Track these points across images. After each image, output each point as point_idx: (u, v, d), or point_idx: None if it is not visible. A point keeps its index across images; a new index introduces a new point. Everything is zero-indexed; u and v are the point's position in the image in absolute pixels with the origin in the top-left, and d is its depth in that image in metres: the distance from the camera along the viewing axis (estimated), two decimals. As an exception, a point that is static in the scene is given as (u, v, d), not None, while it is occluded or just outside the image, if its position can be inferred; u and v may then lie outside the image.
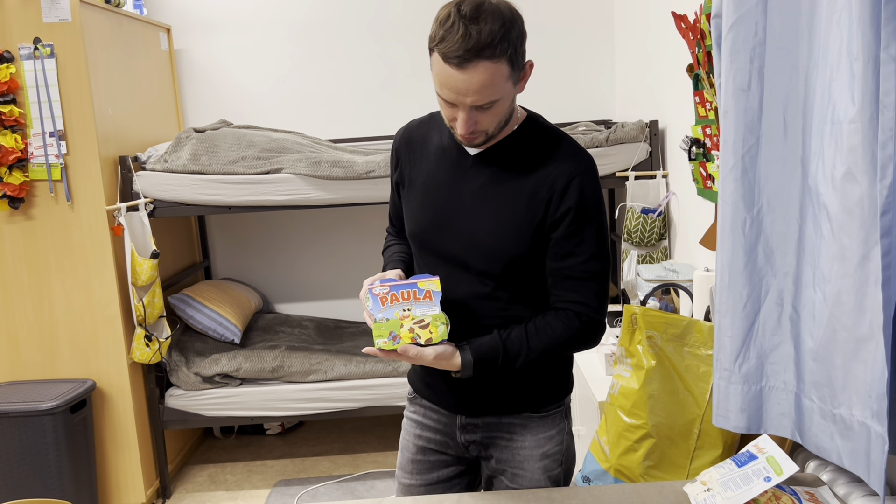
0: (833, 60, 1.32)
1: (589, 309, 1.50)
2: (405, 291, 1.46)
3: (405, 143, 1.64)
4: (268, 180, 3.18)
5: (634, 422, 1.73)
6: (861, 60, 1.22)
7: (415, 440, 1.70)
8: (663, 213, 3.12)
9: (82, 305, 3.12)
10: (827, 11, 1.34)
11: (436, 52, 1.37)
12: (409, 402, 1.74)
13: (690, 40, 2.54)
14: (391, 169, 1.68)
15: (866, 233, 1.26)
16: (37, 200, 3.05)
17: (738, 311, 1.53)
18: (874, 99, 1.22)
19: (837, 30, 1.31)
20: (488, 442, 1.64)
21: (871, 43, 1.21)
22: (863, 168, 1.25)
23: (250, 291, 3.98)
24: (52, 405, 2.86)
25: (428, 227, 1.56)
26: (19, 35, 2.94)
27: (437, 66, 1.38)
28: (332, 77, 4.03)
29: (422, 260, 1.62)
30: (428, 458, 1.68)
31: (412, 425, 1.71)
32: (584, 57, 4.01)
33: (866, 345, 1.30)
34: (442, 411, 1.66)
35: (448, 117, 1.45)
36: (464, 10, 1.35)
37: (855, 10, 1.23)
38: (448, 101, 1.40)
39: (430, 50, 1.39)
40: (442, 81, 1.38)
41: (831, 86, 1.33)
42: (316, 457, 3.76)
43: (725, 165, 1.50)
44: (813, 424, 1.45)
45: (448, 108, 1.43)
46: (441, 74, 1.37)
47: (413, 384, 1.72)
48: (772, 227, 1.49)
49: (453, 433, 1.65)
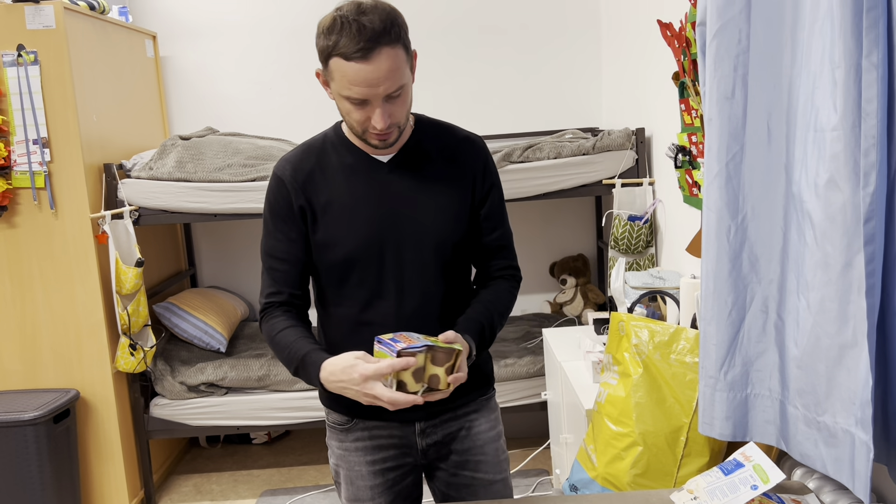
0: (816, 68, 1.33)
1: (518, 270, 1.70)
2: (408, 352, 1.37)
3: (296, 177, 1.56)
4: (254, 188, 3.16)
5: (621, 430, 1.73)
6: (843, 68, 1.23)
7: (367, 467, 1.65)
8: (650, 221, 3.12)
9: (66, 314, 3.09)
10: (809, 20, 1.35)
11: (335, 58, 1.41)
12: (342, 433, 1.66)
13: (676, 48, 2.55)
14: (279, 217, 1.57)
15: (849, 240, 1.27)
16: (20, 208, 3.02)
17: (723, 319, 1.53)
18: (856, 106, 1.22)
19: (820, 38, 1.31)
20: (449, 438, 1.66)
21: (852, 51, 1.22)
22: (845, 175, 1.26)
23: (236, 299, 3.96)
24: (34, 415, 2.83)
25: (367, 244, 1.55)
26: (3, 42, 2.92)
27: (339, 70, 1.41)
28: (318, 83, 4.02)
29: (356, 283, 1.57)
30: (387, 478, 1.66)
31: (357, 454, 1.65)
32: (570, 64, 4.02)
33: (850, 352, 1.30)
34: (394, 425, 1.64)
35: (359, 120, 1.46)
36: (346, 11, 1.41)
37: (837, 19, 1.23)
38: (360, 98, 1.42)
39: (326, 60, 1.43)
40: (351, 80, 1.40)
41: (814, 93, 1.33)
42: (303, 466, 3.74)
43: (710, 172, 1.51)
44: (798, 432, 1.45)
45: (359, 110, 1.45)
46: (347, 75, 1.40)
47: (349, 412, 1.63)
48: (756, 234, 1.49)
49: (412, 441, 1.65)
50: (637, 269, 3.16)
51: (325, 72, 1.46)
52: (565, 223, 4.14)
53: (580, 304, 3.91)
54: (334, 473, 1.71)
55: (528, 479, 3.39)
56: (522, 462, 3.51)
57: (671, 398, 1.71)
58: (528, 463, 3.52)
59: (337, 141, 1.60)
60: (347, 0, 1.44)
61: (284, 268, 1.59)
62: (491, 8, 3.98)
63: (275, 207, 1.58)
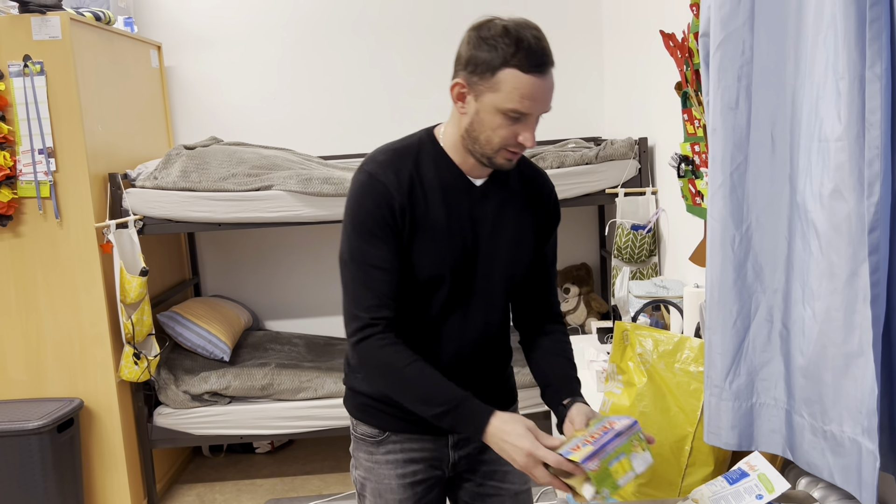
0: (819, 79, 1.34)
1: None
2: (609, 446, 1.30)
3: (400, 183, 1.48)
4: (258, 197, 3.17)
5: (626, 439, 1.73)
6: (847, 79, 1.24)
7: (398, 480, 1.62)
8: (653, 230, 3.13)
9: (70, 323, 3.10)
10: (813, 31, 1.36)
11: (510, 69, 1.37)
12: (372, 445, 1.63)
13: (678, 58, 2.56)
14: (380, 222, 1.47)
15: (854, 250, 1.27)
16: (25, 218, 3.04)
17: (727, 328, 1.53)
18: (860, 117, 1.23)
19: (823, 49, 1.32)
20: (479, 450, 1.66)
21: (856, 62, 1.22)
22: (850, 185, 1.26)
23: (240, 308, 3.96)
24: (38, 424, 2.83)
25: (451, 267, 1.52)
26: (9, 52, 2.94)
27: (512, 81, 1.37)
28: (324, 94, 4.04)
29: (425, 303, 1.53)
30: (415, 491, 1.64)
31: (388, 467, 1.62)
32: (573, 74, 4.04)
33: (856, 361, 1.31)
34: (427, 438, 1.62)
35: (505, 136, 1.43)
36: (515, 25, 1.38)
37: (840, 30, 1.24)
38: (523, 112, 1.40)
39: (495, 70, 1.38)
40: (523, 93, 1.38)
41: (818, 104, 1.34)
42: (306, 475, 3.73)
43: (714, 182, 1.51)
44: (804, 441, 1.45)
45: (510, 126, 1.42)
46: (522, 87, 1.37)
47: (383, 426, 1.61)
48: (761, 243, 1.50)
49: (444, 454, 1.64)
50: (640, 278, 3.17)
51: (480, 82, 1.41)
52: (568, 232, 4.15)
53: (583, 314, 3.91)
54: (359, 486, 1.68)
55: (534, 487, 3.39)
56: (526, 471, 3.50)
57: (675, 407, 1.71)
58: (531, 472, 3.51)
59: (434, 152, 1.54)
60: (486, 16, 1.43)
61: (387, 278, 1.47)
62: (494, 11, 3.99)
63: (374, 212, 1.46)
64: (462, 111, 1.46)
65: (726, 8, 1.46)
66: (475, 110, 1.43)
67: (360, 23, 4.01)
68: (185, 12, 3.96)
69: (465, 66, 1.42)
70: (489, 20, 1.40)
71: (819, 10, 1.34)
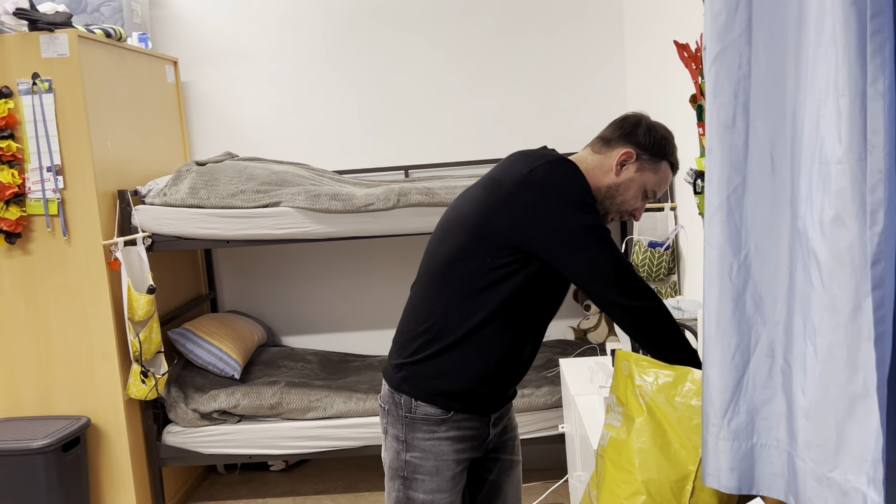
0: (821, 95, 1.23)
1: None
2: None
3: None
4: (266, 214, 3.13)
5: (624, 476, 1.63)
6: (847, 97, 1.13)
7: (455, 455, 1.79)
8: (671, 247, 3.01)
9: (78, 341, 3.08)
10: (814, 43, 1.25)
11: (668, 163, 1.80)
12: (434, 424, 1.78)
13: (693, 70, 2.45)
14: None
15: (857, 282, 1.16)
16: (34, 235, 3.03)
17: (726, 363, 1.42)
18: (862, 138, 1.12)
19: (825, 62, 1.21)
20: (506, 424, 1.94)
21: (857, 78, 1.12)
22: (852, 212, 1.15)
23: (254, 325, 3.92)
24: (43, 444, 2.82)
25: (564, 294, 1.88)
26: (18, 70, 2.94)
27: (664, 173, 1.80)
28: (341, 107, 4.00)
29: (534, 324, 1.82)
30: (461, 469, 1.82)
31: (449, 443, 1.78)
32: (594, 84, 3.93)
33: (860, 403, 1.19)
34: (476, 418, 1.81)
35: (632, 205, 1.81)
36: (670, 133, 1.83)
37: (840, 43, 1.14)
38: (653, 195, 1.81)
39: (660, 159, 1.78)
40: (664, 184, 1.81)
41: (819, 122, 1.23)
42: (318, 495, 3.67)
43: (711, 206, 1.41)
44: (807, 488, 1.33)
45: (639, 200, 1.81)
46: (666, 180, 1.81)
47: (446, 407, 1.77)
48: (761, 272, 1.39)
49: (486, 433, 1.85)
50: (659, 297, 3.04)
51: (648, 161, 1.77)
52: (589, 247, 4.03)
53: (604, 331, 3.79)
54: (410, 470, 1.79)
55: (546, 513, 3.28)
56: (541, 496, 3.40)
57: (677, 444, 1.60)
58: (546, 497, 3.40)
59: None
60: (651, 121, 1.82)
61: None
62: (514, 26, 3.92)
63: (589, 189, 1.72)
64: (617, 172, 1.77)
65: (721, 19, 1.36)
66: (630, 178, 1.77)
67: (376, 36, 3.96)
68: (201, 28, 3.95)
69: (639, 144, 1.76)
70: (654, 121, 1.81)
71: (820, 19, 1.23)
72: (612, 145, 1.79)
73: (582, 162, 1.80)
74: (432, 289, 1.78)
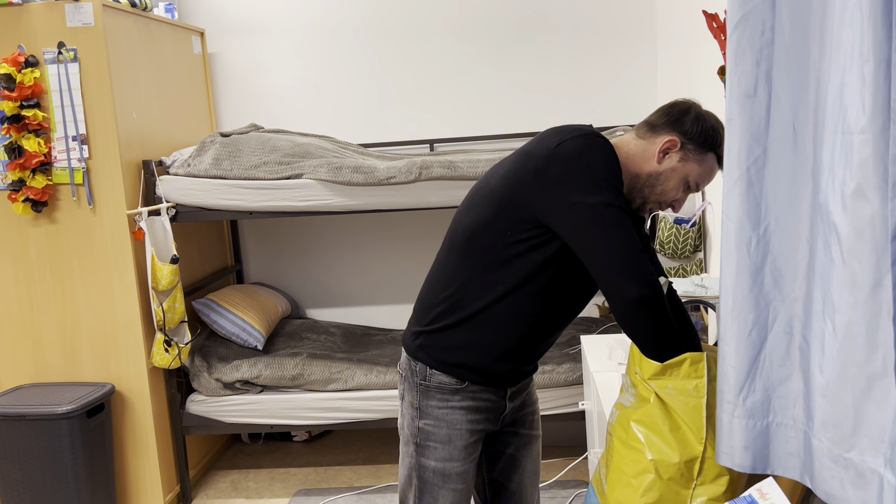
0: (845, 62, 1.18)
1: None
2: None
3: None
4: (288, 185, 3.13)
5: (633, 455, 1.60)
6: (872, 62, 1.08)
7: (468, 426, 1.79)
8: (698, 224, 2.95)
9: (103, 309, 3.12)
10: (840, 8, 1.20)
11: (714, 155, 1.70)
12: (449, 393, 1.78)
13: (721, 41, 2.38)
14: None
15: (878, 258, 1.12)
16: (60, 204, 3.07)
17: (742, 339, 1.39)
18: (885, 107, 1.07)
19: (850, 28, 1.16)
20: (524, 398, 1.93)
21: (882, 43, 1.07)
22: (874, 185, 1.10)
23: (278, 296, 3.94)
24: (68, 409, 2.87)
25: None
26: (44, 39, 2.96)
27: (709, 165, 1.70)
28: (367, 80, 3.97)
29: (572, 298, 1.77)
30: (475, 440, 1.82)
31: (462, 413, 1.78)
32: (625, 60, 3.86)
33: (879, 383, 1.15)
34: (491, 390, 1.80)
35: (672, 196, 1.73)
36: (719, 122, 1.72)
37: (865, 6, 1.09)
38: (695, 188, 1.73)
39: (706, 150, 1.69)
40: (708, 177, 1.72)
41: (843, 90, 1.18)
42: (339, 466, 3.70)
43: (730, 178, 1.36)
44: (823, 468, 1.30)
45: (679, 192, 1.72)
46: (711, 173, 1.72)
47: (461, 376, 1.76)
48: (780, 247, 1.34)
49: (502, 406, 1.84)
50: (683, 274, 3.00)
51: (693, 151, 1.69)
52: (615, 224, 3.98)
53: (628, 309, 3.74)
54: (422, 437, 1.80)
55: (566, 489, 3.27)
56: (561, 472, 3.38)
57: (685, 426, 1.57)
58: (566, 473, 3.39)
59: None
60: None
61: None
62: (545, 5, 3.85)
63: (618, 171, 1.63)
64: (659, 160, 1.70)
65: (745, -17, 1.31)
66: (672, 167, 1.70)
67: (405, 9, 3.91)
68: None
69: (685, 133, 1.68)
70: (704, 110, 1.72)
71: (848, -17, 1.17)
72: (658, 132, 1.71)
73: (623, 146, 1.73)
74: (454, 258, 1.76)
